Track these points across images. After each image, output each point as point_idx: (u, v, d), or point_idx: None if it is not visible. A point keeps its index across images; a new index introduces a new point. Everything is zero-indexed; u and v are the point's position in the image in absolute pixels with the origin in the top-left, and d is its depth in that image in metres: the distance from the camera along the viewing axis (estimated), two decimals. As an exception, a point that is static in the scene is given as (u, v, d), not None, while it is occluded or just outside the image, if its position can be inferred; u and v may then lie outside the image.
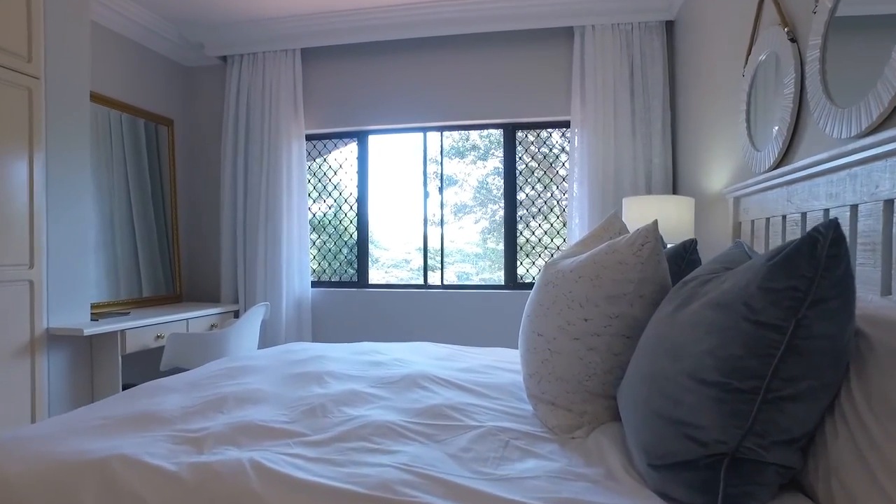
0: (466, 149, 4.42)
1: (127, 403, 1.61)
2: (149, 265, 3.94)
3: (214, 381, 1.83)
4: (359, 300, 4.07)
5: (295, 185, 4.04)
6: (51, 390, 2.84)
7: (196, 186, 4.37)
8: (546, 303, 1.56)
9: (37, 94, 2.69)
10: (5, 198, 2.54)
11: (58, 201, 2.87)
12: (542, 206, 4.04)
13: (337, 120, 4.13)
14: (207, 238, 4.33)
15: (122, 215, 3.74)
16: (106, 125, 3.64)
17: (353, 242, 4.26)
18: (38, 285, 2.70)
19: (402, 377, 1.83)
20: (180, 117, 4.30)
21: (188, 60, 4.33)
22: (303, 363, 2.06)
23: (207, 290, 4.32)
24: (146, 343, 3.19)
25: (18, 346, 2.60)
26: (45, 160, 2.78)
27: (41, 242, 2.72)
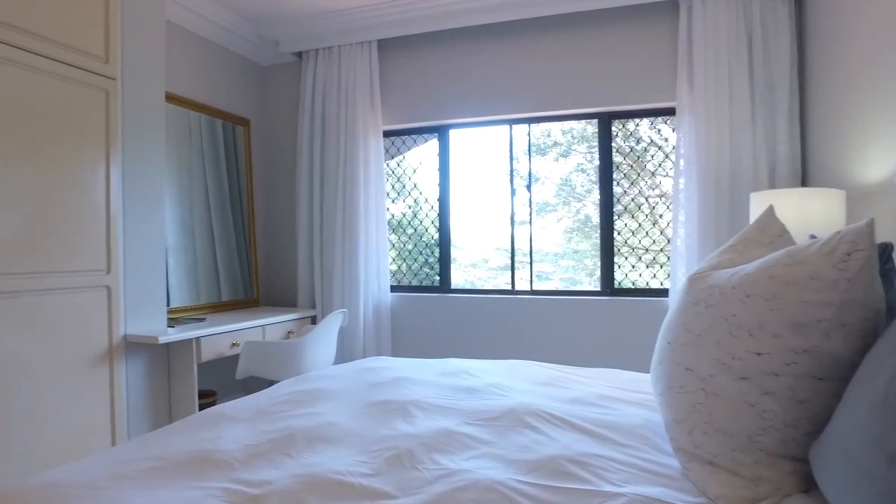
0: (548, 145, 4.04)
1: (186, 436, 1.37)
2: (227, 269, 3.82)
3: (283, 409, 1.57)
4: (441, 306, 3.78)
5: (373, 183, 3.80)
6: (129, 397, 2.72)
7: (272, 187, 4.24)
8: (697, 328, 1.18)
9: (113, 95, 2.58)
10: (83, 202, 2.43)
11: (134, 205, 2.76)
12: (628, 203, 3.59)
13: (416, 115, 3.85)
14: (284, 240, 4.18)
15: (201, 218, 3.64)
16: (185, 126, 3.54)
17: (432, 243, 3.98)
18: (115, 291, 2.58)
19: (503, 412, 1.49)
20: (257, 117, 4.18)
21: (264, 59, 4.20)
22: (383, 388, 1.77)
23: (284, 294, 4.17)
24: (221, 351, 3.04)
25: (98, 352, 2.50)
26: (122, 163, 2.66)
27: (118, 247, 2.60)
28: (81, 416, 2.43)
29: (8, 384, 2.15)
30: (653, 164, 3.55)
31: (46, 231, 2.29)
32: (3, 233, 2.13)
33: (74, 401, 2.40)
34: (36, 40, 2.24)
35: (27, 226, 2.22)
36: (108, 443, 2.53)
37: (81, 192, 2.43)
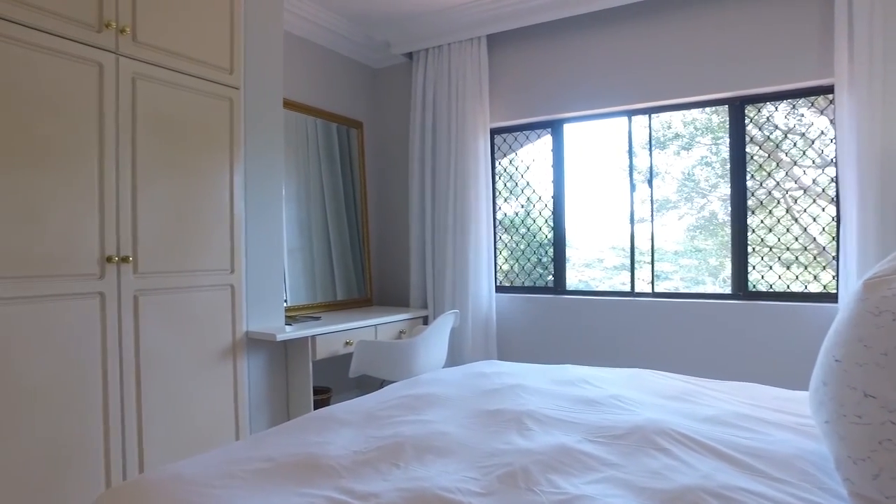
0: (668, 138, 3.73)
1: (296, 438, 1.36)
2: (342, 269, 3.93)
3: (393, 415, 1.52)
4: (554, 308, 3.62)
5: (483, 182, 3.73)
6: (250, 390, 2.86)
7: (385, 188, 4.31)
8: (880, 345, 0.97)
9: (237, 103, 2.71)
10: (211, 205, 2.58)
11: (255, 208, 2.89)
12: (764, 197, 3.20)
13: (527, 110, 3.72)
14: (396, 240, 4.23)
15: (317, 219, 3.77)
16: (302, 131, 3.68)
17: (545, 243, 3.83)
18: (238, 290, 2.72)
19: (629, 429, 1.34)
20: (369, 119, 4.26)
21: (375, 62, 4.27)
22: (496, 395, 1.67)
23: (397, 294, 4.21)
24: (335, 349, 3.11)
25: (223, 347, 2.64)
26: (244, 168, 2.80)
27: (241, 248, 2.74)
28: (210, 405, 2.57)
29: (151, 373, 2.32)
30: (792, 154, 3.15)
31: (181, 233, 2.45)
32: (148, 235, 2.30)
33: (205, 391, 2.55)
34: (172, 57, 2.40)
35: (166, 229, 2.38)
36: (231, 431, 2.67)
37: (210, 197, 2.58)
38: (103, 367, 2.17)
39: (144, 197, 2.30)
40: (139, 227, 2.28)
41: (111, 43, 2.19)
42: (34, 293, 1.96)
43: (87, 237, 2.11)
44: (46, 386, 2.00)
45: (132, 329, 2.26)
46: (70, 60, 2.07)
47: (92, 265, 2.13)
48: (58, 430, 2.03)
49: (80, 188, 2.09)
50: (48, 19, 2.00)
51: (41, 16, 1.98)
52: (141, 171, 2.29)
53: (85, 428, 2.11)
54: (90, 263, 2.12)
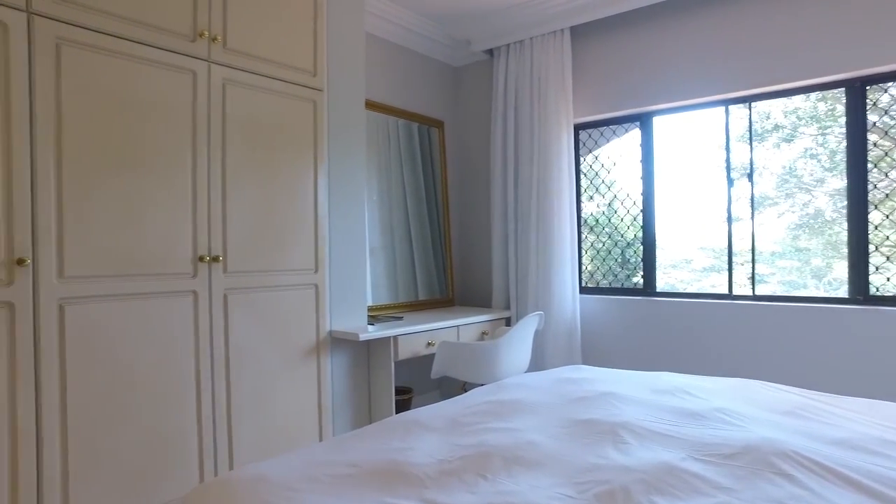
0: (766, 130, 3.42)
1: (379, 442, 1.32)
2: (424, 269, 3.92)
3: (478, 421, 1.45)
4: (643, 310, 3.42)
5: (566, 180, 3.59)
6: (334, 390, 2.89)
7: (466, 187, 4.25)
8: None
9: (320, 105, 2.75)
10: (296, 206, 2.63)
11: (338, 208, 2.91)
12: (889, 189, 2.85)
13: (614, 103, 3.55)
14: (478, 240, 4.17)
15: (399, 219, 3.78)
16: (384, 131, 3.70)
17: (629, 243, 3.63)
18: (322, 289, 2.75)
19: (742, 448, 1.19)
20: (450, 118, 4.23)
21: (456, 60, 4.23)
22: (587, 403, 1.56)
23: (479, 294, 4.15)
24: (417, 350, 3.09)
25: (308, 346, 2.68)
26: (328, 169, 2.83)
27: (324, 248, 2.77)
28: (294, 402, 2.61)
29: (240, 370, 2.39)
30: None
31: (267, 234, 2.51)
32: (236, 236, 2.37)
33: (289, 389, 2.59)
34: (258, 62, 2.46)
35: (253, 229, 2.44)
36: (315, 429, 2.70)
37: (295, 198, 2.63)
38: (196, 362, 2.25)
39: (233, 198, 2.37)
40: (229, 227, 2.35)
41: (204, 51, 2.27)
42: (135, 290, 2.06)
43: (182, 238, 2.20)
44: (146, 378, 2.09)
45: (222, 326, 2.34)
46: (168, 70, 2.16)
47: (186, 264, 2.21)
48: (157, 422, 2.12)
49: (175, 191, 2.18)
50: (149, 32, 2.09)
51: (143, 30, 2.08)
52: (230, 173, 2.36)
53: (180, 420, 2.19)
54: (184, 263, 2.20)
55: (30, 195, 1.82)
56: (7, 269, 1.78)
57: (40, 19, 1.86)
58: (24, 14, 1.82)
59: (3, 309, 1.77)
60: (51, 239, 1.86)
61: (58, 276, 1.88)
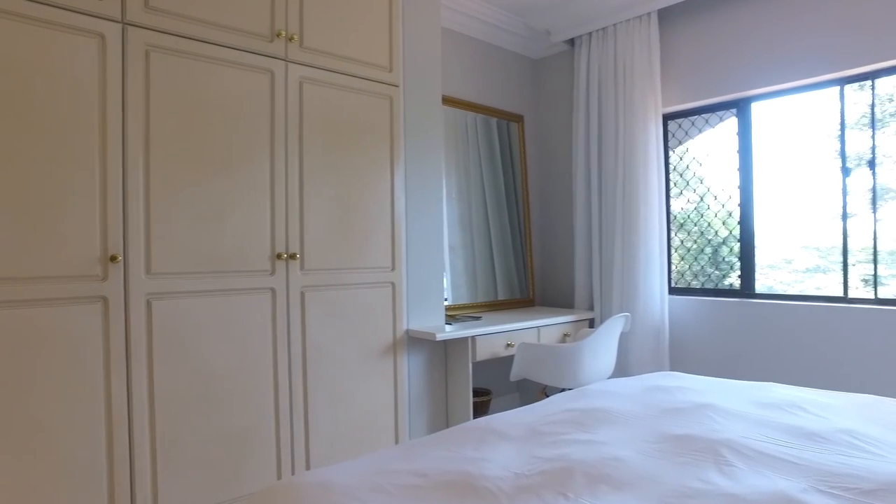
0: (889, 113, 3.01)
1: (451, 451, 1.23)
2: (503, 267, 3.80)
3: (559, 431, 1.32)
4: (740, 314, 3.11)
5: (653, 174, 3.35)
6: (410, 390, 2.83)
7: (547, 183, 4.09)
8: None
9: (397, 101, 2.70)
10: (373, 203, 2.59)
11: (415, 205, 2.86)
12: None
13: (706, 89, 3.26)
14: (560, 238, 3.99)
15: (478, 216, 3.68)
16: (461, 127, 3.62)
17: (718, 241, 3.33)
18: (399, 287, 2.70)
19: (886, 484, 0.99)
20: (530, 112, 4.08)
21: (534, 52, 4.07)
22: (682, 416, 1.38)
23: (560, 294, 3.97)
24: (496, 351, 2.98)
25: (384, 344, 2.64)
26: (405, 166, 2.79)
27: (401, 246, 2.72)
28: (370, 401, 2.58)
29: (317, 367, 2.38)
30: None
31: (344, 231, 2.49)
32: (313, 233, 2.37)
33: (366, 388, 2.56)
34: (334, 59, 2.44)
35: (330, 227, 2.43)
36: (391, 429, 2.65)
37: (371, 195, 2.59)
38: (274, 359, 2.26)
39: (311, 196, 2.37)
40: (306, 225, 2.35)
41: (281, 51, 2.28)
42: (216, 287, 2.09)
43: (261, 235, 2.21)
44: (227, 373, 2.12)
45: (299, 324, 2.33)
46: (247, 70, 2.18)
47: (264, 262, 2.22)
48: (237, 416, 2.14)
49: (255, 189, 2.20)
50: (229, 34, 2.12)
51: (223, 32, 2.11)
52: (308, 171, 2.36)
53: (259, 415, 2.21)
54: (263, 260, 2.22)
55: (121, 195, 1.89)
56: (102, 265, 1.85)
57: (133, 29, 1.92)
58: (119, 25, 1.89)
59: (98, 303, 1.84)
60: (139, 237, 1.92)
61: (146, 273, 1.94)
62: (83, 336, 1.81)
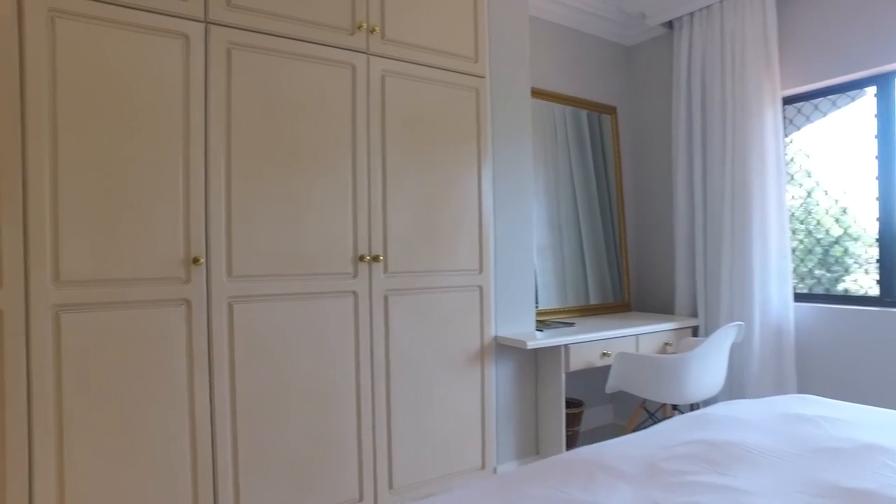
0: None
1: (555, 490, 1.02)
2: (595, 270, 3.52)
3: (684, 470, 1.08)
4: (881, 325, 2.66)
5: (771, 164, 2.95)
6: (498, 400, 2.64)
7: (643, 179, 3.76)
8: None
9: (483, 94, 2.52)
10: (458, 202, 2.43)
11: (504, 204, 2.67)
12: None
13: (837, 65, 2.82)
14: (659, 238, 3.65)
15: (567, 216, 3.43)
16: (549, 120, 3.38)
17: (829, 241, 2.89)
18: (487, 291, 2.52)
19: None
20: (623, 103, 3.76)
21: (628, 38, 3.75)
22: (844, 460, 1.10)
23: (658, 299, 3.63)
24: (591, 360, 2.72)
25: (471, 351, 2.47)
26: (492, 162, 2.60)
27: (489, 247, 2.54)
28: (456, 411, 2.41)
29: (400, 375, 2.25)
30: None
31: (429, 232, 2.34)
32: (397, 234, 2.24)
33: (451, 397, 2.40)
34: (417, 51, 2.30)
35: (414, 227, 2.29)
36: (477, 441, 2.47)
37: (457, 193, 2.43)
38: (356, 364, 2.14)
39: (394, 195, 2.24)
40: (389, 225, 2.22)
41: (362, 44, 2.17)
42: (297, 290, 2.00)
43: (343, 236, 2.10)
44: (308, 378, 2.03)
45: (383, 329, 2.21)
46: (327, 65, 2.08)
47: (346, 264, 2.11)
48: (318, 421, 2.05)
49: (336, 188, 2.09)
50: (309, 29, 2.03)
51: (303, 27, 2.02)
52: (391, 168, 2.23)
53: (341, 422, 2.10)
54: (345, 262, 2.11)
55: (203, 195, 1.83)
56: (185, 267, 1.80)
57: (215, 27, 1.87)
58: (202, 24, 1.84)
59: (182, 305, 1.80)
60: (221, 239, 1.86)
61: (227, 275, 1.87)
62: (168, 338, 1.77)
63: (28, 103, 1.58)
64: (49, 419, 1.60)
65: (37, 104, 1.59)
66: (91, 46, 1.67)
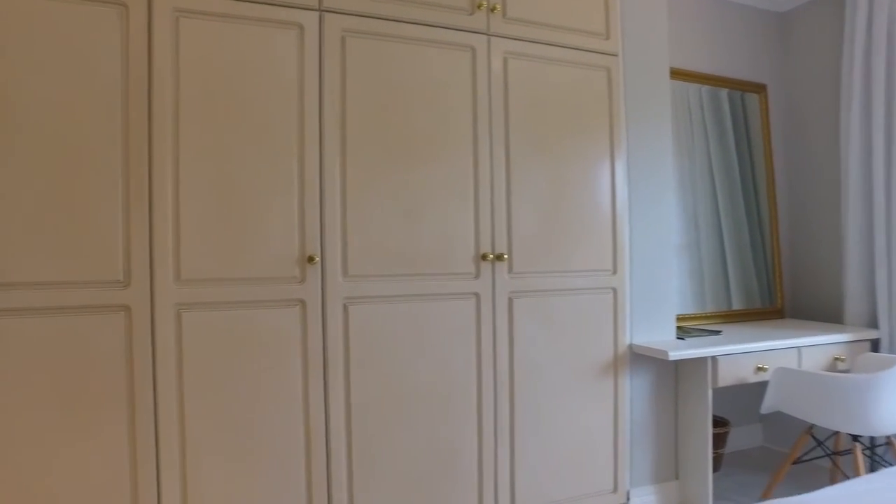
0: None
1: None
2: (738, 271, 3.05)
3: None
4: None
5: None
6: (633, 416, 2.33)
7: (800, 166, 3.21)
8: None
9: (615, 73, 2.22)
10: (590, 194, 2.15)
11: (640, 196, 2.35)
12: None
13: None
14: (820, 234, 3.09)
15: (706, 210, 3.00)
16: (683, 102, 2.97)
17: None
18: (621, 294, 2.22)
19: None
20: (775, 79, 3.24)
21: (781, 3, 3.22)
22: None
23: (822, 305, 3.07)
24: (743, 375, 2.31)
25: (602, 361, 2.18)
26: (626, 150, 2.30)
27: (623, 245, 2.24)
28: (586, 428, 2.14)
29: (524, 383, 2.02)
30: None
31: (558, 228, 2.09)
32: (523, 231, 2.01)
33: (580, 411, 2.13)
34: (542, 29, 2.06)
35: (541, 222, 2.05)
36: (609, 462, 2.18)
37: (588, 184, 2.16)
38: (478, 372, 1.94)
39: (518, 187, 2.01)
40: (514, 221, 2.00)
41: (482, 24, 1.97)
42: (415, 291, 1.84)
43: (463, 234, 1.91)
44: (425, 388, 1.86)
45: (506, 334, 1.99)
46: (445, 49, 1.91)
47: (468, 263, 1.92)
48: (435, 432, 1.88)
49: (455, 181, 1.91)
50: (425, 10, 1.87)
51: (419, 9, 1.86)
52: (515, 159, 2.01)
53: (459, 433, 1.91)
54: (466, 261, 1.92)
55: (318, 190, 1.73)
56: (300, 266, 1.71)
57: (329, 15, 1.76)
58: (316, 13, 1.75)
59: (297, 306, 1.70)
60: (336, 236, 1.74)
61: (343, 275, 1.75)
62: (283, 340, 1.68)
63: (154, 104, 1.55)
64: (173, 416, 1.56)
65: (161, 104, 1.56)
66: (211, 44, 1.62)
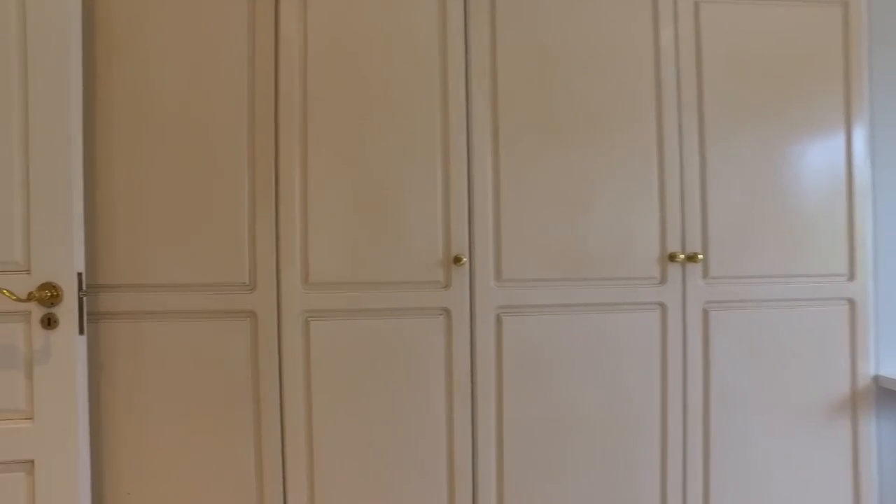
0: None
1: None
2: None
3: None
4: None
5: None
6: (882, 480, 1.70)
7: None
8: None
9: (855, 11, 1.63)
10: (814, 175, 1.60)
11: (889, 177, 1.72)
12: None
13: None
14: None
15: None
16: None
17: None
18: (862, 307, 1.62)
19: None
20: None
21: None
22: None
23: None
24: None
25: (835, 393, 1.62)
26: (870, 114, 1.69)
27: (865, 241, 1.64)
28: (810, 482, 1.59)
29: (723, 421, 1.55)
30: None
31: (769, 220, 1.57)
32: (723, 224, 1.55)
33: (800, 461, 1.59)
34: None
35: (747, 213, 1.56)
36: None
37: (811, 162, 1.60)
38: (662, 405, 1.52)
39: (716, 170, 1.55)
40: (710, 213, 1.55)
41: (670, -36, 1.54)
42: (584, 300, 1.49)
43: (644, 228, 1.51)
44: (593, 419, 1.50)
45: (700, 356, 1.54)
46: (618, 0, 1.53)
47: (650, 266, 1.51)
48: (605, 479, 1.51)
49: (632, 164, 1.51)
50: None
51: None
52: (710, 134, 1.55)
53: (636, 483, 1.52)
54: (648, 263, 1.51)
55: (466, 180, 1.46)
56: (444, 269, 1.45)
57: (479, -25, 1.49)
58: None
59: (440, 316, 1.45)
60: (487, 234, 1.46)
61: (495, 279, 1.46)
62: (423, 355, 1.44)
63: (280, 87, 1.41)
64: (300, 427, 1.41)
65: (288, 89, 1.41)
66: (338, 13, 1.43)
